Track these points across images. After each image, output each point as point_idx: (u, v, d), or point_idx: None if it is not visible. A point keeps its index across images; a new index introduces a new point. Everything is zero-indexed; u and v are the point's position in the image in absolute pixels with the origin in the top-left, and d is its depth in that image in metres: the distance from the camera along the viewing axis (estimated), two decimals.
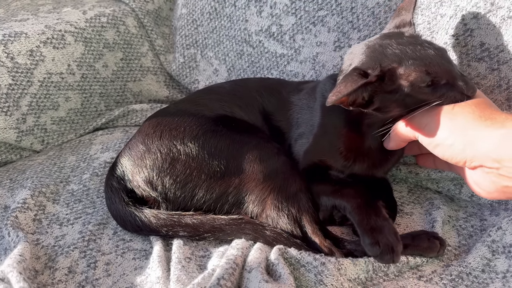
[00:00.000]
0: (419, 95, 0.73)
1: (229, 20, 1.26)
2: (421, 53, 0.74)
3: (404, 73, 0.73)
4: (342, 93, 0.71)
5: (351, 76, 0.73)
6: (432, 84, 0.72)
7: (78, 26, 1.21)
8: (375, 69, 0.74)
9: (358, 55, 0.79)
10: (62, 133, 1.21)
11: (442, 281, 0.74)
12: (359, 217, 0.78)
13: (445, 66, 0.73)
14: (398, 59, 0.74)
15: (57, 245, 0.82)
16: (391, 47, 0.76)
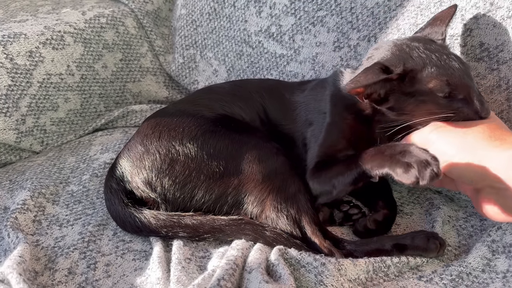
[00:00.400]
0: (434, 103, 0.74)
1: (228, 21, 1.26)
2: (446, 63, 0.74)
3: (425, 78, 0.73)
4: (361, 82, 0.72)
5: (372, 69, 0.74)
6: (449, 96, 0.73)
7: (78, 27, 1.21)
8: (397, 67, 0.74)
9: (384, 51, 0.80)
10: (62, 134, 1.21)
11: (442, 281, 0.74)
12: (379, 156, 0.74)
13: (466, 81, 0.73)
14: (422, 63, 0.74)
15: (57, 246, 0.81)
16: (417, 50, 0.76)
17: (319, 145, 0.88)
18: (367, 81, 0.72)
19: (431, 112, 0.75)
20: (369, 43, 1.05)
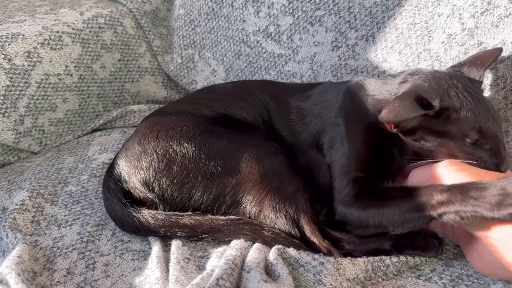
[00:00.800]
0: (459, 147, 0.73)
1: (226, 21, 1.26)
2: (481, 109, 0.73)
3: (459, 120, 0.73)
4: (402, 116, 0.70)
5: (410, 100, 0.72)
6: (475, 143, 0.73)
7: (76, 27, 1.21)
8: (434, 102, 0.73)
9: (421, 79, 0.78)
10: (60, 135, 1.21)
11: (441, 280, 0.74)
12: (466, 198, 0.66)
13: (497, 132, 0.73)
14: (459, 104, 0.73)
15: (56, 247, 0.81)
16: (456, 89, 0.74)
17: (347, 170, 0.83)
18: (407, 114, 0.70)
19: (453, 154, 0.74)
20: (367, 43, 1.05)
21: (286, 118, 0.95)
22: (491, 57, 0.81)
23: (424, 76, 0.78)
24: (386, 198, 0.75)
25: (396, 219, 0.73)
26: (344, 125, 0.86)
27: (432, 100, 0.73)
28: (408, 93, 0.75)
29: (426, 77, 0.78)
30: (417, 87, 0.77)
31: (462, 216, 0.64)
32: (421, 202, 0.69)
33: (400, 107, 0.71)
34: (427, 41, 0.95)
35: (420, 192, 0.70)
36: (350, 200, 0.80)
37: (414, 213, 0.70)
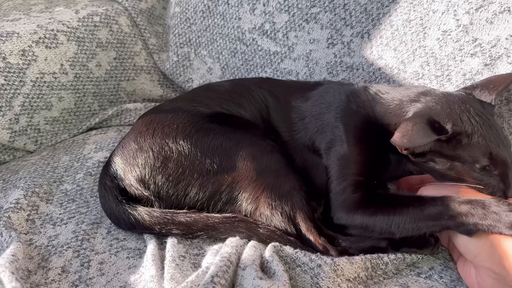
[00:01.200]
0: (467, 172, 0.73)
1: (222, 18, 1.25)
2: (492, 135, 0.73)
3: (470, 146, 0.72)
4: (415, 142, 0.70)
5: (424, 124, 0.71)
6: (484, 168, 0.72)
7: (71, 25, 1.21)
8: (446, 125, 0.73)
9: (433, 101, 0.78)
10: (56, 133, 1.20)
11: (442, 279, 0.74)
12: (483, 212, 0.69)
13: (507, 158, 0.73)
14: (471, 130, 0.73)
15: (51, 245, 0.81)
16: (468, 114, 0.74)
17: (346, 172, 0.84)
18: (421, 140, 0.70)
19: (461, 178, 0.74)
20: (362, 40, 1.05)
21: (285, 116, 0.95)
22: (504, 82, 0.81)
23: (437, 98, 0.78)
24: (397, 205, 0.76)
25: (407, 226, 0.74)
26: (345, 127, 0.86)
27: (444, 124, 0.73)
28: (420, 115, 0.75)
29: (439, 100, 0.77)
30: (430, 109, 0.76)
31: (479, 229, 0.67)
32: (437, 211, 0.71)
33: (413, 131, 0.71)
34: (422, 38, 0.95)
35: (437, 201, 0.72)
36: (353, 205, 0.80)
37: (428, 221, 0.72)
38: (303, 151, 0.92)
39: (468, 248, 0.70)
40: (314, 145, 0.90)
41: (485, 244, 0.67)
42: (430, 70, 0.94)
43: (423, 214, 0.73)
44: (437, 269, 0.76)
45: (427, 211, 0.72)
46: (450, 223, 0.70)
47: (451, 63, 0.91)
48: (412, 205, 0.74)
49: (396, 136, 0.71)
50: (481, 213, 0.68)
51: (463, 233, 0.70)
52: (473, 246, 0.69)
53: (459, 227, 0.70)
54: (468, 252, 0.70)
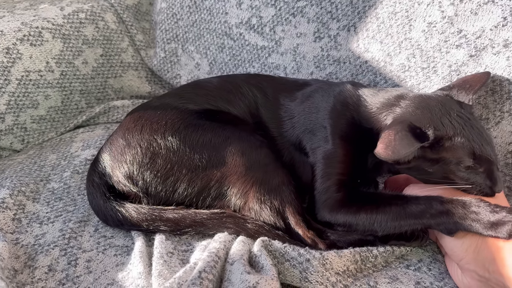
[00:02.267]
0: (453, 173, 0.74)
1: (209, 13, 1.25)
2: (474, 134, 0.73)
3: (453, 147, 0.72)
4: (399, 153, 0.70)
5: (405, 132, 0.71)
6: (469, 168, 0.73)
7: (56, 22, 1.20)
8: (429, 131, 0.73)
9: (413, 106, 0.78)
10: (43, 132, 1.19)
11: (431, 271, 0.75)
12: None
13: (490, 155, 0.73)
14: (453, 132, 0.73)
15: (37, 244, 0.80)
16: (449, 116, 0.74)
17: (330, 171, 0.84)
18: (404, 150, 0.69)
19: (447, 180, 0.74)
20: (349, 33, 1.05)
21: (274, 113, 0.95)
22: (480, 81, 0.81)
23: (417, 102, 0.78)
24: (380, 204, 0.77)
25: (390, 224, 0.75)
26: (331, 128, 0.87)
27: (425, 129, 0.73)
28: (400, 122, 0.74)
29: (419, 104, 0.77)
30: (410, 114, 0.76)
31: (459, 228, 0.69)
32: (420, 210, 0.72)
33: (396, 141, 0.70)
34: (408, 30, 0.95)
35: (419, 200, 0.73)
36: (336, 204, 0.81)
37: (410, 220, 0.73)
38: (290, 148, 0.93)
39: (454, 251, 0.70)
40: (301, 144, 0.91)
41: (469, 247, 0.67)
42: (416, 62, 0.94)
43: (405, 212, 0.73)
44: (426, 261, 0.77)
45: (409, 209, 0.73)
46: (431, 221, 0.71)
47: (436, 54, 0.91)
48: (395, 203, 0.75)
49: (379, 148, 0.71)
50: (461, 212, 0.69)
51: (444, 232, 0.71)
52: (458, 250, 0.69)
53: (440, 226, 0.71)
54: (453, 255, 0.71)
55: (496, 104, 0.85)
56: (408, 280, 0.72)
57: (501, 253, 0.63)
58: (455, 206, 0.70)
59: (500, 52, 0.82)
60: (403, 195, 0.77)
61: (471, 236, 0.68)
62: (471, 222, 0.68)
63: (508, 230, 0.64)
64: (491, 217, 0.67)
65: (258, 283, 0.64)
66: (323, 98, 0.91)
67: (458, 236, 0.69)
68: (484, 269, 0.64)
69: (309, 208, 0.85)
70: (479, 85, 0.80)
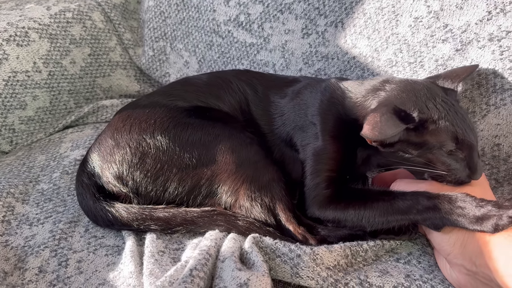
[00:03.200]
0: (436, 157, 0.74)
1: (197, 11, 1.24)
2: (458, 120, 0.74)
3: (437, 131, 0.73)
4: (387, 134, 0.71)
5: (390, 114, 0.72)
6: (452, 152, 0.73)
7: (42, 22, 1.19)
8: (414, 114, 0.73)
9: (399, 90, 0.78)
10: (31, 133, 1.19)
11: (420, 264, 0.75)
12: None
13: (472, 141, 0.73)
14: (437, 116, 0.73)
15: (27, 246, 0.80)
16: (434, 101, 0.75)
17: (319, 168, 0.85)
18: (390, 131, 0.70)
19: (429, 164, 0.75)
20: (336, 29, 1.05)
21: (264, 110, 0.95)
22: (467, 71, 0.82)
23: (403, 86, 0.78)
24: (367, 200, 0.77)
25: (377, 220, 0.76)
26: (320, 125, 0.87)
27: (410, 112, 0.73)
28: (386, 105, 0.75)
29: (404, 87, 0.78)
30: (395, 97, 0.77)
31: (446, 223, 0.69)
32: (406, 206, 0.73)
33: (382, 122, 0.71)
34: (395, 25, 0.95)
35: (406, 196, 0.74)
36: (325, 200, 0.81)
37: (397, 215, 0.74)
38: (281, 145, 0.93)
39: (441, 246, 0.71)
40: (292, 141, 0.91)
41: (456, 242, 0.68)
42: (403, 57, 0.95)
43: (392, 208, 0.74)
44: (415, 254, 0.78)
45: (396, 205, 0.74)
46: (418, 217, 0.72)
47: (423, 49, 0.91)
48: (382, 199, 0.76)
49: (366, 129, 0.72)
50: (448, 207, 0.69)
51: (431, 227, 0.71)
52: (445, 245, 0.70)
53: (427, 221, 0.71)
54: (441, 249, 0.71)
55: (482, 97, 0.85)
56: (398, 273, 0.72)
57: (487, 247, 0.63)
58: (441, 201, 0.70)
59: (485, 46, 0.83)
60: (390, 191, 0.78)
61: (458, 230, 0.68)
62: (457, 217, 0.68)
63: (493, 224, 0.64)
64: (476, 211, 0.67)
65: (249, 279, 0.64)
66: (311, 95, 0.91)
67: (445, 231, 0.70)
68: (471, 263, 0.65)
69: (299, 204, 0.85)
70: (465, 74, 0.82)
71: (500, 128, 0.84)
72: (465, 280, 0.68)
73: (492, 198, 0.74)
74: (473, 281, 0.66)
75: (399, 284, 0.69)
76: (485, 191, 0.76)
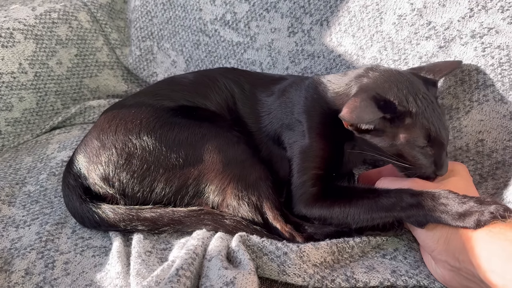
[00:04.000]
0: (407, 150, 0.75)
1: (183, 10, 1.24)
2: (434, 118, 0.75)
3: (412, 125, 0.74)
4: (364, 119, 0.72)
5: (371, 103, 0.73)
6: (422, 148, 0.74)
7: (28, 23, 1.18)
8: (393, 104, 0.74)
9: (381, 79, 0.79)
10: (18, 134, 1.18)
11: (406, 260, 0.76)
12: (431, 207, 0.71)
13: (444, 141, 0.75)
14: (415, 111, 0.74)
15: (13, 248, 0.80)
16: (414, 95, 0.75)
17: (306, 166, 0.85)
18: (368, 116, 0.72)
19: (401, 155, 0.76)
20: (322, 27, 1.06)
21: (251, 108, 0.95)
22: (450, 67, 0.83)
23: (386, 76, 0.79)
24: (352, 198, 0.78)
25: (362, 217, 0.76)
26: (306, 122, 0.87)
27: (390, 102, 0.74)
28: (366, 91, 0.76)
29: (388, 77, 0.79)
30: (377, 86, 0.78)
31: (429, 220, 0.70)
32: (390, 203, 0.73)
33: (361, 107, 0.72)
34: (379, 23, 0.96)
35: (390, 194, 0.74)
36: (311, 198, 0.82)
37: (382, 213, 0.74)
38: (269, 143, 0.93)
39: (426, 242, 0.71)
40: (279, 139, 0.91)
41: (440, 239, 0.69)
42: (387, 55, 0.96)
43: (377, 205, 0.75)
44: (401, 250, 0.78)
45: (380, 202, 0.74)
46: (402, 214, 0.72)
47: (407, 46, 0.92)
48: (367, 197, 0.76)
49: (344, 112, 0.73)
50: (431, 204, 0.70)
51: (415, 224, 0.72)
52: (429, 241, 0.70)
53: (410, 218, 0.72)
54: (426, 246, 0.72)
55: (465, 94, 0.86)
56: (384, 269, 0.73)
57: (470, 243, 0.64)
58: (425, 199, 0.71)
59: (468, 43, 0.84)
60: (375, 189, 0.79)
61: (442, 227, 0.69)
62: (440, 213, 0.68)
63: (475, 220, 0.65)
64: (459, 208, 0.67)
65: (236, 277, 0.64)
66: (296, 93, 0.92)
67: (429, 228, 0.70)
68: (455, 259, 0.66)
69: (286, 202, 0.85)
70: (448, 71, 0.82)
71: (484, 124, 0.85)
72: (449, 275, 0.68)
73: (475, 194, 0.75)
74: (457, 277, 0.67)
75: (385, 279, 0.70)
76: (469, 187, 0.76)
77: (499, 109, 0.83)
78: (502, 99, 0.82)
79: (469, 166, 0.88)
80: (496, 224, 0.63)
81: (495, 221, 0.64)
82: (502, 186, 0.85)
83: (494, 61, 0.82)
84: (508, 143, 0.83)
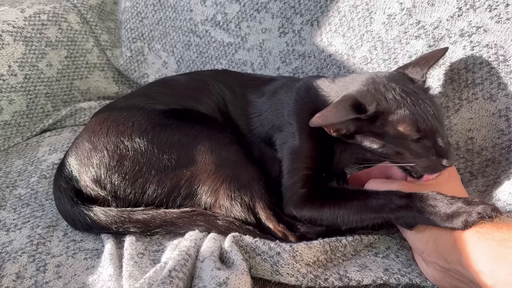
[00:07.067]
0: (404, 146, 0.74)
1: (174, 11, 1.24)
2: (420, 108, 0.73)
3: (396, 121, 0.73)
4: (329, 120, 0.72)
5: (343, 105, 0.73)
6: (417, 141, 0.73)
7: (17, 25, 1.17)
8: (370, 106, 0.74)
9: (360, 84, 0.79)
10: (8, 138, 1.17)
11: (398, 258, 0.76)
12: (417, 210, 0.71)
13: (437, 128, 0.73)
14: (396, 106, 0.74)
15: (4, 252, 0.79)
16: (393, 92, 0.75)
17: (296, 167, 0.85)
18: (336, 118, 0.72)
19: (400, 153, 0.75)
20: (312, 27, 1.06)
21: (242, 110, 0.95)
22: (436, 57, 0.83)
23: (365, 80, 0.80)
24: (342, 199, 0.78)
25: (352, 219, 0.76)
26: (296, 123, 0.87)
27: (369, 105, 0.74)
28: (346, 98, 0.76)
29: (367, 81, 0.79)
30: (357, 92, 0.78)
31: (418, 222, 0.70)
32: (380, 205, 0.73)
33: (332, 112, 0.73)
34: (369, 23, 0.96)
35: (379, 195, 0.74)
36: (301, 200, 0.82)
37: (371, 214, 0.74)
38: (260, 144, 0.93)
39: (415, 244, 0.72)
40: (271, 140, 0.91)
41: (429, 240, 0.69)
42: (377, 54, 0.96)
43: (366, 207, 0.75)
44: (393, 248, 0.79)
45: (370, 204, 0.74)
46: (390, 216, 0.72)
47: (397, 46, 0.93)
48: (356, 198, 0.77)
49: (313, 117, 0.74)
50: (419, 206, 0.69)
51: (404, 226, 0.72)
52: (419, 243, 0.70)
53: (399, 220, 0.72)
54: (415, 248, 0.72)
55: (455, 92, 0.87)
56: (376, 268, 0.73)
57: (458, 244, 0.64)
58: (413, 200, 0.71)
59: (457, 42, 0.85)
60: (365, 190, 0.79)
61: (431, 229, 0.69)
62: (429, 215, 0.68)
63: (463, 220, 0.65)
64: (447, 209, 0.67)
65: (229, 278, 0.64)
66: (287, 94, 0.92)
67: (418, 229, 0.71)
68: (444, 260, 0.66)
69: (278, 203, 0.85)
70: (434, 60, 0.82)
71: (473, 122, 0.86)
72: (439, 276, 0.69)
73: (464, 194, 0.75)
74: (447, 277, 0.67)
75: (378, 278, 0.70)
76: (457, 187, 0.77)
77: (488, 107, 0.84)
78: (491, 97, 0.83)
79: (459, 164, 0.89)
80: (484, 224, 0.64)
81: (483, 221, 0.64)
82: (492, 183, 0.85)
83: (482, 60, 0.82)
84: (498, 141, 0.84)
